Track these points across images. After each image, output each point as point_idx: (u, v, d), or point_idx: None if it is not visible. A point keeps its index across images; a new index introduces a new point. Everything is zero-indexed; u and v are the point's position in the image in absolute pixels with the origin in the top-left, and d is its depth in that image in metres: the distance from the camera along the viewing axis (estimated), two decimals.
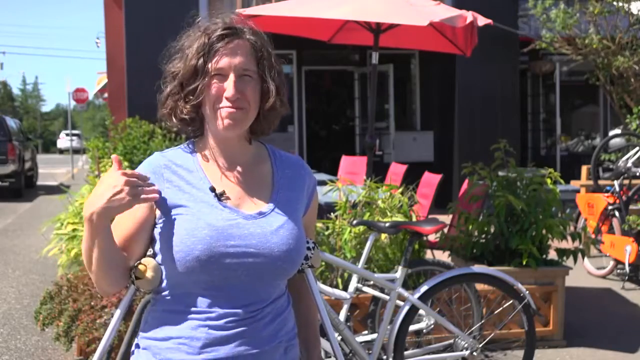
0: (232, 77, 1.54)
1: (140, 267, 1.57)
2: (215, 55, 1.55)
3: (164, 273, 1.57)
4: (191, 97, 1.56)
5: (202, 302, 1.53)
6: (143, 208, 1.56)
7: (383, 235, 4.27)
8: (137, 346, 1.61)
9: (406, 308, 3.49)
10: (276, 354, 1.58)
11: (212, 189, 1.57)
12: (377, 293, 3.75)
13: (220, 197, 1.57)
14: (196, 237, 1.51)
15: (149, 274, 1.56)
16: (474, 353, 3.53)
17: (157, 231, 1.58)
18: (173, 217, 1.55)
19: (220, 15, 1.62)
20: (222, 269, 1.51)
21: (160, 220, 1.57)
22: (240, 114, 1.56)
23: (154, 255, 1.59)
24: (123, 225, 1.58)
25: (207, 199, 1.56)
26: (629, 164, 6.83)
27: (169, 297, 1.57)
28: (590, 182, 7.63)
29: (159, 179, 1.58)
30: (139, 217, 1.57)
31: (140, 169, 1.61)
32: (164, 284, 1.57)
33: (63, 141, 47.03)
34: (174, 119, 1.61)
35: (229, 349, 1.52)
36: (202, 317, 1.52)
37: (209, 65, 1.54)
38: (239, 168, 1.63)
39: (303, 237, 1.64)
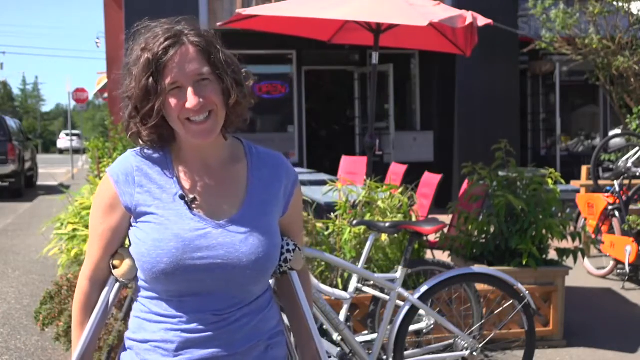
0: (190, 88, 1.48)
1: (117, 256, 1.59)
2: (165, 71, 1.48)
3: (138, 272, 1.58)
4: (149, 119, 1.51)
5: (173, 308, 1.53)
6: (117, 216, 1.57)
7: (383, 235, 4.27)
8: (124, 345, 1.63)
9: (406, 308, 3.49)
10: (254, 353, 1.57)
11: (182, 197, 1.54)
12: (377, 293, 3.74)
13: (190, 204, 1.54)
14: (163, 249, 1.49)
15: (127, 262, 1.57)
16: (474, 353, 3.53)
17: (130, 233, 1.58)
18: (143, 224, 1.54)
19: (157, 24, 1.55)
20: (189, 280, 1.51)
21: (134, 225, 1.57)
22: (209, 124, 1.51)
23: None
24: (99, 233, 1.59)
25: (176, 206, 1.54)
26: (629, 164, 6.82)
27: (143, 301, 1.58)
28: (590, 182, 7.61)
29: (130, 183, 1.56)
30: (112, 225, 1.58)
31: (113, 170, 1.58)
32: (139, 284, 1.58)
33: (63, 141, 47.00)
34: (140, 142, 1.57)
35: (202, 352, 1.52)
36: (174, 322, 1.53)
37: (162, 83, 1.48)
38: (212, 169, 1.59)
39: (276, 243, 1.59)
